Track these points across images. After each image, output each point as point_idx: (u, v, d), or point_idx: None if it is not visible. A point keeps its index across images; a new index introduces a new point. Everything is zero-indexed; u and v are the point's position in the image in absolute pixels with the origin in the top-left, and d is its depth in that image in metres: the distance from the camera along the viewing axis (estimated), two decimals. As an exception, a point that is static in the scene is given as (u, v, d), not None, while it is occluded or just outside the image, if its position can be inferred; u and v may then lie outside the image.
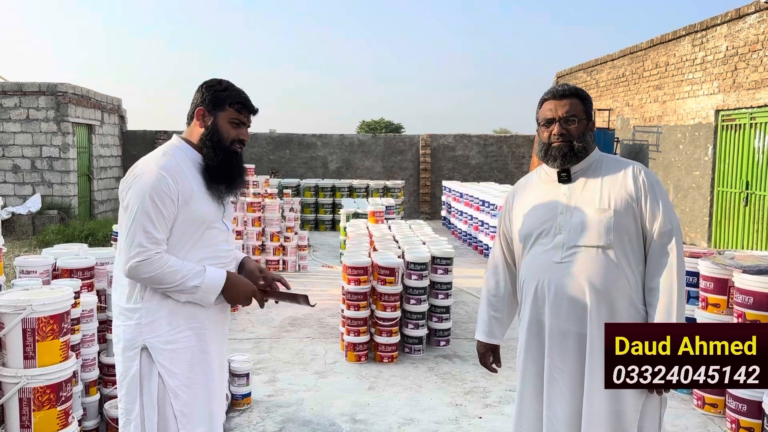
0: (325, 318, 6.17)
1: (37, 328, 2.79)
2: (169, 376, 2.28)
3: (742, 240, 9.20)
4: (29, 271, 3.57)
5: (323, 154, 16.05)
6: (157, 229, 2.19)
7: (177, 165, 2.29)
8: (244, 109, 2.37)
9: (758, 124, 8.91)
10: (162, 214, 2.20)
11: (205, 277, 2.24)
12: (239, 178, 2.41)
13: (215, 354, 2.39)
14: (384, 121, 37.52)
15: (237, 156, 2.38)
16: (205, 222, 2.31)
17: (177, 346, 2.29)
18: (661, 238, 2.18)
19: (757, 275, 3.72)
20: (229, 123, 2.35)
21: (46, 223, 11.45)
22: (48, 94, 12.28)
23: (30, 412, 2.80)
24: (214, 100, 2.34)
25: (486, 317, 2.52)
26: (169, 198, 2.22)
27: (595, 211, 2.20)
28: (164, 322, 2.28)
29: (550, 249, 2.24)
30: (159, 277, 2.19)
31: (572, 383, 2.22)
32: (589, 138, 2.30)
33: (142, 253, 2.18)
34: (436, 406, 4.14)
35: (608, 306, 2.17)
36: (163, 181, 2.22)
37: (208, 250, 2.32)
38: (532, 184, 2.43)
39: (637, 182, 2.21)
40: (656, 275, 2.18)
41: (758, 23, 8.79)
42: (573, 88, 2.32)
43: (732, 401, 3.79)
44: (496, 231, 2.59)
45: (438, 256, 5.39)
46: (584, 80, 14.86)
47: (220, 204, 2.37)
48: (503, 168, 16.42)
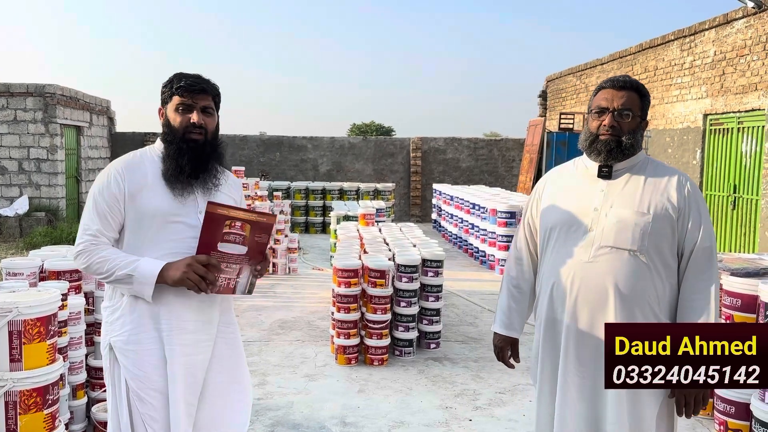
0: (315, 321, 6.15)
1: (24, 331, 2.76)
2: (131, 378, 2.20)
3: (730, 243, 9.27)
4: (16, 273, 3.53)
5: (314, 157, 16.03)
6: (94, 222, 2.21)
7: (135, 162, 2.27)
8: (186, 91, 2.23)
9: (746, 128, 8.99)
10: (103, 208, 2.21)
11: (138, 266, 2.14)
12: (199, 167, 2.24)
13: (181, 364, 2.20)
14: (374, 124, 37.57)
15: (193, 143, 2.23)
16: (158, 216, 2.20)
17: (140, 347, 2.20)
18: (702, 253, 2.12)
19: (745, 278, 3.75)
20: (175, 111, 2.25)
21: (34, 225, 11.35)
22: (36, 95, 12.19)
23: (16, 416, 2.77)
24: (162, 95, 2.31)
25: (506, 308, 2.40)
26: (112, 194, 2.21)
27: (633, 213, 2.11)
28: (127, 320, 2.22)
29: (580, 246, 2.15)
30: (93, 266, 2.19)
31: (587, 391, 2.15)
32: (639, 137, 2.20)
33: (79, 244, 2.22)
34: (427, 408, 4.13)
35: (629, 313, 2.11)
36: (109, 178, 2.23)
37: (169, 245, 2.20)
38: (566, 175, 2.33)
39: (682, 192, 2.14)
40: (694, 293, 2.13)
41: (746, 28, 8.87)
42: (635, 81, 2.21)
43: (720, 403, 3.80)
44: (521, 220, 2.49)
45: (428, 258, 5.39)
46: (574, 84, 14.94)
47: (182, 197, 2.23)
48: (493, 171, 16.47)
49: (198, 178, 2.25)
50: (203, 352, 2.27)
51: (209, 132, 2.27)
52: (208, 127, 2.26)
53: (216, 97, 2.33)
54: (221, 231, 2.13)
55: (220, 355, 2.34)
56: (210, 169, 2.28)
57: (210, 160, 2.27)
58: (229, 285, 2.23)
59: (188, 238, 2.21)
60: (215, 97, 2.32)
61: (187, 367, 2.22)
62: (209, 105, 2.28)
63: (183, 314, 2.22)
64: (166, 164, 2.24)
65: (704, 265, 2.12)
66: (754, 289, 3.64)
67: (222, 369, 2.34)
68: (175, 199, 2.22)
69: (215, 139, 2.31)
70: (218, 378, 2.33)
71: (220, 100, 2.37)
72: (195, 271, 2.11)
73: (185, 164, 2.21)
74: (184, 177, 2.21)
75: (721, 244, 9.44)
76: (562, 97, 15.76)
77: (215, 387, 2.32)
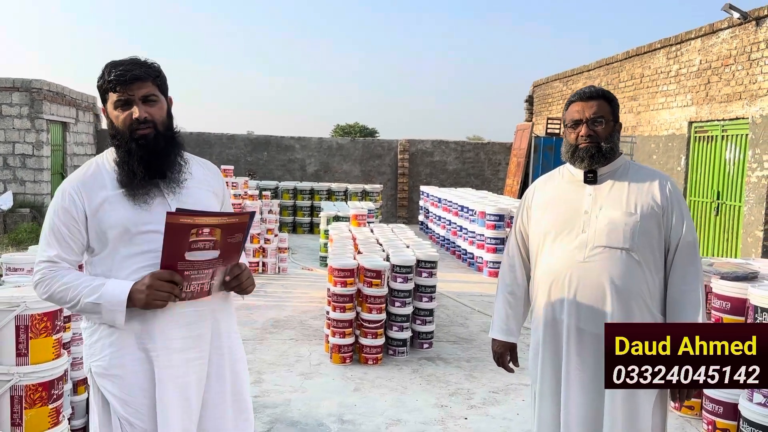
0: (308, 320, 6.18)
1: (31, 326, 2.77)
2: (118, 404, 1.97)
3: (713, 248, 9.46)
4: (16, 269, 3.53)
5: (301, 157, 16.03)
6: (52, 246, 1.97)
7: (90, 175, 2.02)
8: (119, 84, 1.95)
9: (729, 136, 9.19)
10: (62, 231, 1.97)
11: (104, 293, 1.90)
12: (154, 165, 1.97)
13: (172, 387, 1.97)
14: (359, 126, 37.55)
15: (143, 140, 1.96)
16: (124, 227, 1.95)
17: (124, 371, 1.96)
18: (686, 248, 2.24)
19: (735, 281, 3.86)
20: (115, 109, 1.99)
21: (18, 222, 11.24)
22: (22, 90, 12.07)
23: (21, 410, 2.78)
24: (99, 94, 2.05)
25: (503, 314, 2.50)
26: (69, 215, 1.97)
27: (621, 213, 2.23)
28: (107, 342, 1.98)
29: (574, 248, 2.26)
30: (55, 296, 1.96)
31: (589, 384, 2.24)
32: (616, 139, 2.33)
33: (37, 272, 1.99)
34: (422, 407, 4.19)
35: (626, 308, 2.21)
36: (65, 197, 1.99)
37: (142, 258, 1.95)
38: (554, 183, 2.44)
39: (665, 192, 2.26)
40: (682, 284, 2.24)
41: (731, 38, 9.07)
42: (600, 90, 2.33)
43: (708, 403, 3.90)
44: (512, 228, 2.58)
45: (422, 259, 5.45)
46: (560, 90, 15.11)
47: (146, 203, 1.98)
48: (480, 174, 16.59)
49: (164, 177, 2.00)
50: (196, 372, 2.02)
51: (158, 123, 2.00)
52: (155, 118, 1.99)
53: (157, 80, 2.02)
54: (187, 240, 1.85)
55: (217, 373, 2.08)
56: (170, 163, 2.01)
57: (167, 153, 2.00)
58: (204, 289, 1.98)
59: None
60: (156, 79, 2.01)
61: (179, 389, 1.98)
62: (150, 92, 1.99)
63: (169, 332, 1.97)
64: (119, 171, 1.99)
65: (690, 258, 2.25)
66: (743, 292, 3.75)
67: (219, 388, 2.09)
68: (138, 206, 1.97)
69: (169, 129, 2.04)
70: (216, 398, 2.08)
71: (164, 81, 2.06)
72: (158, 290, 1.87)
73: (136, 167, 1.95)
74: (138, 181, 1.96)
75: (705, 249, 9.63)
76: (548, 103, 15.94)
77: (214, 407, 2.08)
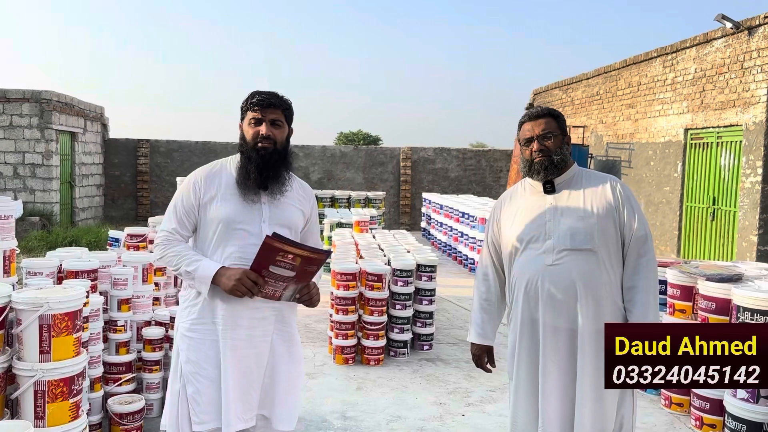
0: (312, 323, 6.37)
1: (53, 324, 2.96)
2: (184, 362, 2.47)
3: (709, 253, 9.62)
4: (36, 273, 3.72)
5: (305, 165, 16.25)
6: (171, 221, 2.51)
7: (214, 172, 2.54)
8: (257, 106, 2.46)
9: (724, 142, 9.37)
10: (181, 212, 2.51)
11: (198, 267, 2.40)
12: (265, 173, 2.44)
13: (233, 357, 2.42)
14: (362, 133, 37.76)
15: (263, 151, 2.44)
16: (223, 222, 2.44)
17: (196, 335, 2.46)
18: (637, 241, 2.46)
19: (719, 282, 4.04)
20: (248, 125, 2.49)
21: (28, 230, 11.46)
22: (32, 101, 12.33)
23: (44, 404, 2.96)
24: (240, 112, 2.57)
25: (479, 320, 2.71)
26: (189, 202, 2.50)
27: (580, 218, 2.46)
28: (193, 310, 2.49)
29: (542, 253, 2.47)
30: (166, 257, 2.49)
31: (565, 377, 2.45)
32: (566, 151, 2.57)
33: (158, 237, 2.53)
34: (422, 404, 4.37)
35: (595, 302, 2.42)
36: (189, 186, 2.53)
37: (231, 250, 2.44)
38: (518, 196, 2.67)
39: (615, 193, 2.49)
40: (634, 274, 2.46)
41: (724, 47, 9.27)
42: (546, 108, 2.60)
43: (696, 399, 4.08)
44: (483, 240, 2.82)
45: (422, 263, 5.64)
46: (560, 98, 15.32)
47: (250, 203, 2.46)
48: (481, 181, 16.78)
49: (267, 188, 2.46)
50: (258, 347, 2.48)
51: (278, 142, 2.48)
52: (276, 138, 2.47)
53: (286, 111, 2.53)
54: (274, 258, 2.32)
55: (277, 351, 2.53)
56: (277, 176, 2.49)
57: (277, 167, 2.48)
58: (276, 294, 2.43)
59: (249, 245, 2.42)
60: (285, 110, 2.52)
61: (239, 359, 2.43)
62: (278, 118, 2.49)
63: (239, 311, 2.44)
64: (238, 172, 2.49)
65: (641, 249, 2.46)
66: (727, 293, 3.93)
67: (275, 364, 2.52)
68: (243, 205, 2.45)
69: (285, 149, 2.51)
70: (272, 373, 2.51)
71: (291, 114, 2.56)
72: (243, 285, 2.33)
73: (252, 170, 2.44)
74: (250, 182, 2.44)
75: (701, 254, 9.79)
76: (548, 110, 16.11)
77: (271, 381, 2.51)
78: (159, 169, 15.86)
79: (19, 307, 2.90)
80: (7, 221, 3.28)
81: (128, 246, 5.37)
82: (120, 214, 15.51)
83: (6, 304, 2.90)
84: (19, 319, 2.93)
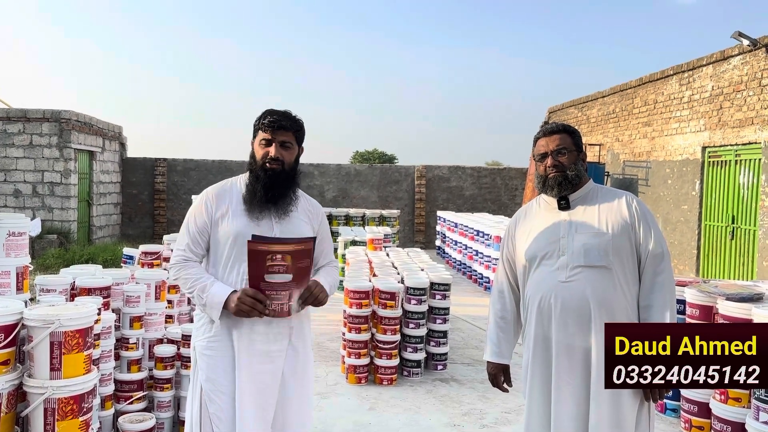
0: (325, 342, 6.32)
1: (64, 342, 2.95)
2: (204, 380, 2.48)
3: (729, 272, 9.45)
4: (49, 290, 3.74)
5: (320, 183, 16.30)
6: (185, 238, 2.55)
7: (224, 190, 2.59)
8: (268, 127, 2.50)
9: (743, 160, 9.25)
10: (194, 230, 2.55)
11: (209, 294, 2.43)
12: (272, 192, 2.48)
13: (249, 372, 2.44)
14: (377, 152, 37.89)
15: (271, 172, 2.49)
16: (233, 237, 2.48)
17: (215, 353, 2.49)
18: (654, 259, 2.41)
19: (739, 302, 3.94)
20: (259, 145, 2.54)
21: (46, 247, 11.58)
22: (52, 121, 12.52)
23: (54, 422, 2.95)
24: (253, 130, 2.61)
25: (496, 339, 2.68)
26: (202, 219, 2.55)
27: (594, 234, 2.42)
28: (209, 328, 2.52)
29: (556, 269, 2.44)
30: (180, 280, 2.53)
31: (579, 396, 2.38)
32: (580, 167, 2.54)
33: (174, 257, 2.57)
34: (435, 426, 4.29)
35: (609, 320, 2.35)
36: (201, 204, 2.58)
37: (244, 266, 2.44)
38: (532, 212, 2.65)
39: (631, 209, 2.45)
40: (650, 293, 2.40)
41: (742, 65, 9.19)
42: (561, 124, 2.58)
43: (685, 403, 4.10)
44: (499, 258, 2.78)
45: (436, 282, 5.59)
46: (575, 116, 15.27)
47: (258, 219, 2.49)
48: (496, 199, 16.71)
49: (276, 203, 2.50)
50: (273, 362, 2.50)
51: (286, 164, 2.52)
52: (284, 159, 2.52)
53: (297, 132, 2.56)
54: (265, 264, 2.34)
55: (290, 367, 2.54)
56: (284, 195, 2.53)
57: (284, 187, 2.53)
58: (284, 309, 2.44)
59: None
60: (296, 132, 2.56)
61: (254, 374, 2.46)
62: (288, 140, 2.53)
63: (255, 327, 2.48)
64: (246, 190, 2.54)
65: (658, 267, 2.40)
66: (748, 313, 3.84)
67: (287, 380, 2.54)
68: (251, 221, 2.49)
69: (293, 170, 2.56)
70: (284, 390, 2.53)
71: (302, 135, 2.60)
72: (244, 303, 2.37)
73: (259, 189, 2.49)
74: (257, 200, 2.49)
75: (720, 273, 9.62)
76: (564, 128, 16.05)
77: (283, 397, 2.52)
78: (176, 188, 16.00)
79: (30, 324, 2.90)
80: (20, 238, 3.29)
81: (143, 263, 5.39)
82: (137, 232, 15.63)
83: (18, 321, 2.90)
84: (31, 336, 2.93)
